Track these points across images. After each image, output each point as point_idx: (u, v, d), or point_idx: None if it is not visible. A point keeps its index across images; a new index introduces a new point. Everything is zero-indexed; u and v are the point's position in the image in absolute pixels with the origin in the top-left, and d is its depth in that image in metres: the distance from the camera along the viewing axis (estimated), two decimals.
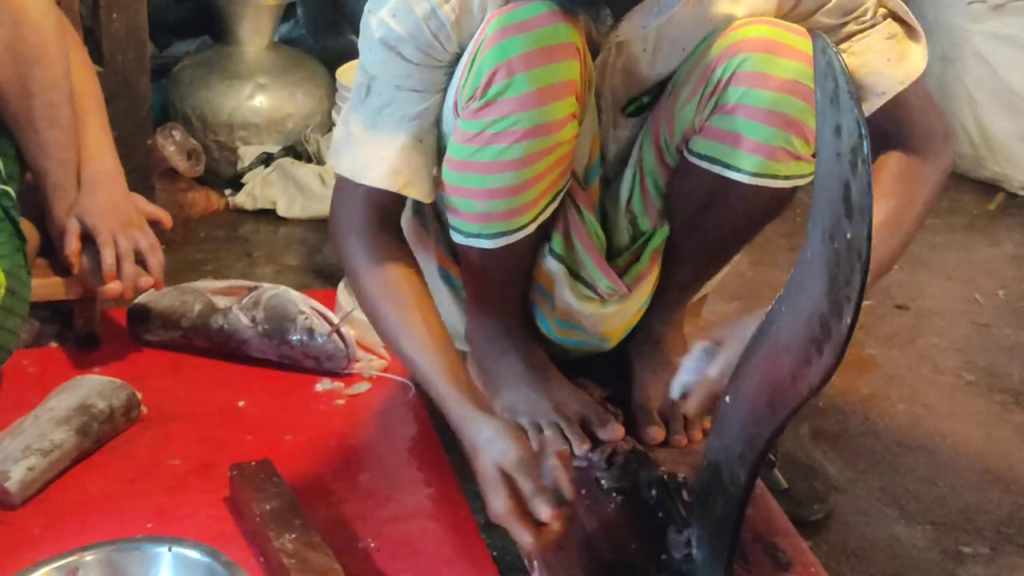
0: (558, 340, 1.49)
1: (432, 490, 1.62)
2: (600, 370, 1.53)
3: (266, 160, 2.62)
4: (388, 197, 1.34)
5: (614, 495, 1.34)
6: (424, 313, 1.33)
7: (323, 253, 2.34)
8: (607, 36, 1.29)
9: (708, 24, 1.31)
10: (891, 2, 1.32)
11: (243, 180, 2.62)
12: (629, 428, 1.45)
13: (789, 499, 1.53)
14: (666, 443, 1.44)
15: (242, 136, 2.64)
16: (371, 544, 1.48)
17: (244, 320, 1.88)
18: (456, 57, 1.31)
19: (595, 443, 1.40)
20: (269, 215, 2.59)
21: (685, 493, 1.31)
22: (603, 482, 1.36)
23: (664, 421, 1.46)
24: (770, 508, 1.33)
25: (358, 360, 1.90)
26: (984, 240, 2.52)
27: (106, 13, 2.22)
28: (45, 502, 1.53)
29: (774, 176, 1.31)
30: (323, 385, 1.85)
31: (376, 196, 1.34)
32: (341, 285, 2.11)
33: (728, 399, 1.08)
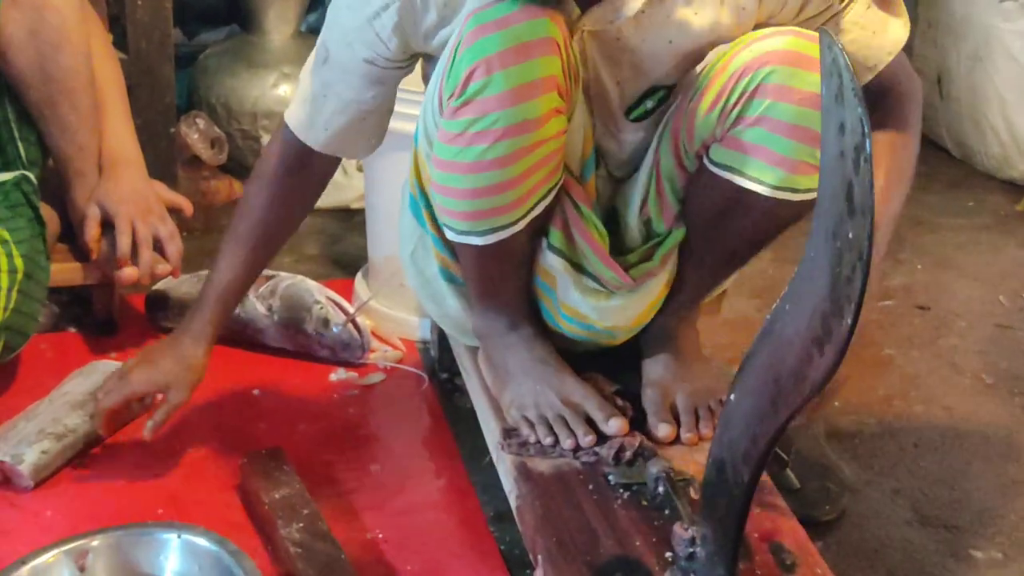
0: (565, 334, 1.48)
1: (442, 482, 1.62)
2: (612, 365, 1.52)
3: None
4: (316, 153, 1.48)
5: (621, 491, 1.33)
6: (253, 253, 1.54)
7: (343, 243, 2.35)
8: (576, 25, 1.28)
9: (689, 21, 1.30)
10: None
11: None
12: (639, 424, 1.44)
13: (801, 499, 1.52)
14: (676, 440, 1.43)
15: (266, 125, 2.65)
16: (379, 535, 1.48)
17: (260, 309, 1.89)
18: (404, 58, 1.37)
19: (602, 438, 1.39)
20: None
21: (692, 491, 1.31)
22: (610, 477, 1.35)
23: (675, 418, 1.45)
24: (778, 508, 1.32)
25: (373, 350, 1.91)
26: (1011, 241, 2.49)
27: (131, 0, 2.23)
28: (57, 485, 1.55)
29: (794, 189, 1.30)
30: (337, 375, 1.86)
31: (305, 148, 1.47)
32: (359, 275, 2.12)
33: (733, 396, 1.07)
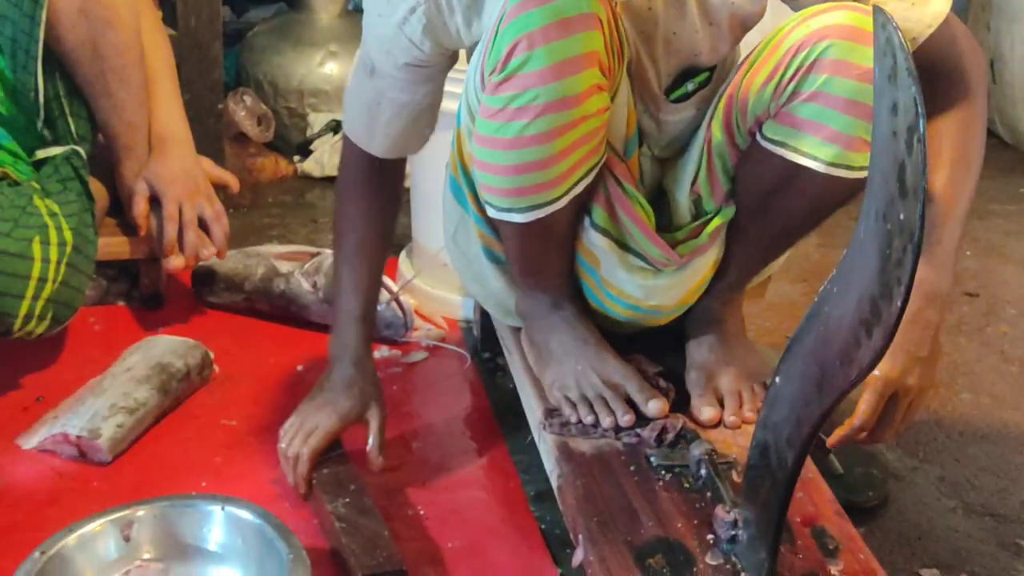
0: (609, 314, 1.47)
1: (484, 460, 1.63)
2: (656, 346, 1.52)
3: (335, 127, 2.63)
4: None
5: (662, 472, 1.33)
6: (368, 261, 1.52)
7: None
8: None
9: None
10: None
11: (311, 147, 2.64)
12: (682, 406, 1.43)
13: (844, 485, 1.51)
14: (720, 423, 1.42)
15: (312, 103, 2.66)
16: (420, 512, 1.48)
17: (305, 285, 1.90)
18: (440, 57, 1.38)
19: (644, 419, 1.39)
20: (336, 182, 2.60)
21: (735, 474, 1.30)
22: (652, 459, 1.34)
23: (719, 401, 1.44)
24: (821, 492, 1.31)
25: (416, 329, 1.91)
26: None
27: None
28: None
29: (848, 167, 1.28)
30: (381, 353, 1.87)
31: (372, 155, 1.49)
32: (403, 254, 2.13)
33: (778, 379, 1.06)
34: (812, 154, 1.28)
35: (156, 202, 1.85)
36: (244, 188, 2.17)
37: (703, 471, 1.30)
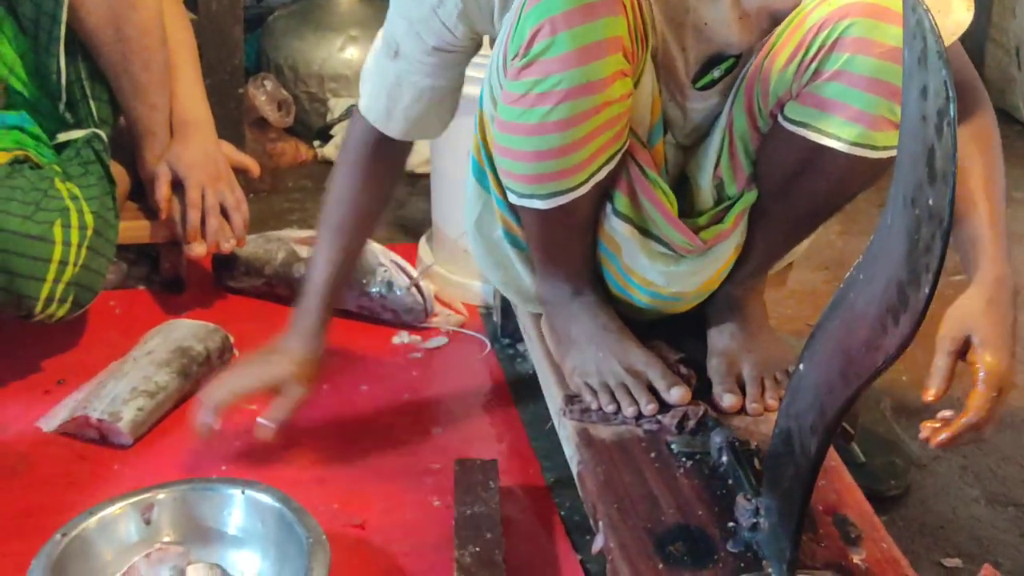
0: (630, 300, 1.47)
1: (503, 447, 1.62)
2: (677, 333, 1.51)
3: None
4: (394, 139, 1.49)
5: (684, 459, 1.32)
6: (348, 239, 1.53)
7: (407, 207, 2.35)
8: None
9: None
10: None
11: (332, 132, 2.63)
12: (704, 394, 1.42)
13: (866, 474, 1.50)
14: (741, 411, 1.41)
15: (332, 88, 2.65)
16: (436, 503, 1.48)
17: None
18: (470, 42, 1.37)
19: (665, 406, 1.38)
20: None
21: (756, 461, 1.29)
22: (673, 446, 1.34)
23: (740, 388, 1.43)
24: (844, 481, 1.30)
25: (436, 315, 1.91)
26: None
27: None
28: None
29: (872, 146, 1.26)
30: (400, 338, 1.87)
31: (384, 137, 1.48)
32: (422, 240, 2.12)
33: (802, 367, 1.05)
34: (835, 134, 1.27)
35: (177, 186, 1.85)
36: (264, 173, 2.17)
37: (724, 458, 1.30)
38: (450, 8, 1.32)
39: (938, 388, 1.20)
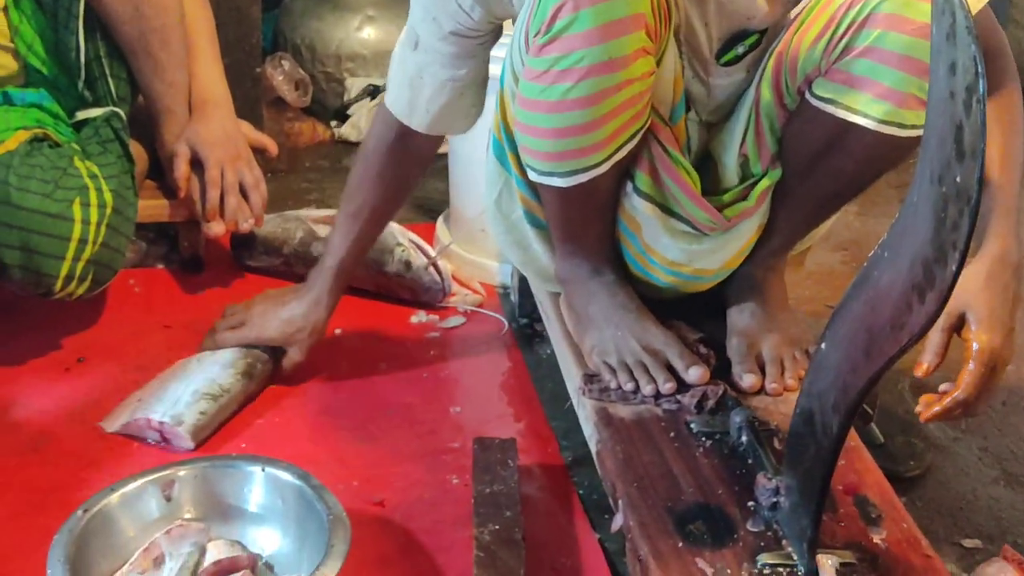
0: (650, 279, 1.46)
1: (522, 426, 1.62)
2: (696, 313, 1.51)
3: (372, 92, 2.63)
4: (419, 133, 1.51)
5: (703, 439, 1.32)
6: (364, 226, 1.59)
7: (425, 187, 2.35)
8: None
9: None
10: None
11: (349, 112, 2.63)
12: (723, 373, 1.42)
13: (885, 454, 1.50)
14: (760, 391, 1.41)
15: (349, 68, 2.65)
16: (454, 480, 1.48)
17: None
18: (490, 26, 1.37)
19: (684, 386, 1.38)
20: None
21: (776, 441, 1.29)
22: (692, 425, 1.34)
23: (760, 368, 1.43)
24: (864, 461, 1.30)
25: (453, 294, 1.91)
26: None
27: None
28: None
29: (900, 124, 1.25)
30: (418, 317, 1.87)
31: (408, 130, 1.50)
32: (440, 220, 2.12)
33: (824, 345, 1.05)
34: (863, 111, 1.26)
35: (196, 165, 1.85)
36: (281, 153, 2.18)
37: (744, 438, 1.29)
38: None
39: (929, 363, 1.22)
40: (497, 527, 1.32)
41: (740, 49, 1.35)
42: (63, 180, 1.59)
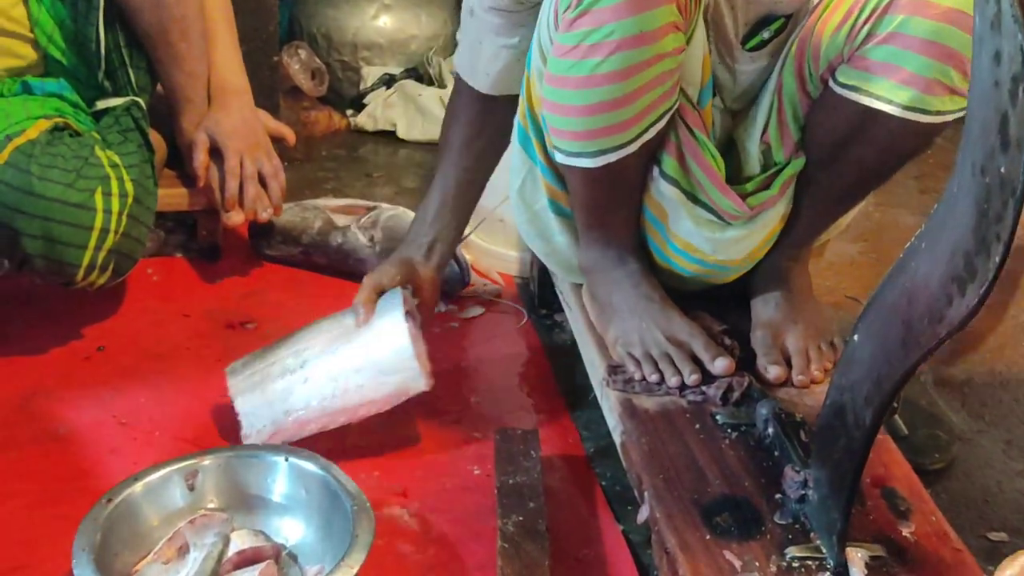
0: (674, 269, 1.45)
1: (542, 416, 1.62)
2: (720, 304, 1.50)
3: (388, 81, 2.62)
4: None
5: (728, 431, 1.31)
6: (459, 174, 1.56)
7: None
8: None
9: None
10: None
11: (365, 101, 2.63)
12: (749, 365, 1.41)
13: (909, 446, 1.49)
14: (786, 382, 1.40)
15: (365, 56, 2.64)
16: (476, 471, 1.48)
17: (362, 239, 1.90)
18: (520, 5, 1.37)
19: (709, 377, 1.37)
20: (389, 136, 2.59)
21: (803, 433, 1.28)
22: (718, 417, 1.33)
23: (786, 360, 1.42)
24: (891, 454, 1.29)
25: (473, 284, 1.91)
26: None
27: None
28: (166, 407, 1.57)
29: (925, 111, 1.24)
30: (437, 307, 1.86)
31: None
32: None
33: (856, 337, 1.04)
34: (887, 97, 1.25)
35: (215, 154, 1.84)
36: (298, 142, 2.17)
37: (770, 430, 1.29)
38: None
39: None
40: (521, 518, 1.32)
41: (765, 34, 1.34)
42: (85, 169, 1.59)
